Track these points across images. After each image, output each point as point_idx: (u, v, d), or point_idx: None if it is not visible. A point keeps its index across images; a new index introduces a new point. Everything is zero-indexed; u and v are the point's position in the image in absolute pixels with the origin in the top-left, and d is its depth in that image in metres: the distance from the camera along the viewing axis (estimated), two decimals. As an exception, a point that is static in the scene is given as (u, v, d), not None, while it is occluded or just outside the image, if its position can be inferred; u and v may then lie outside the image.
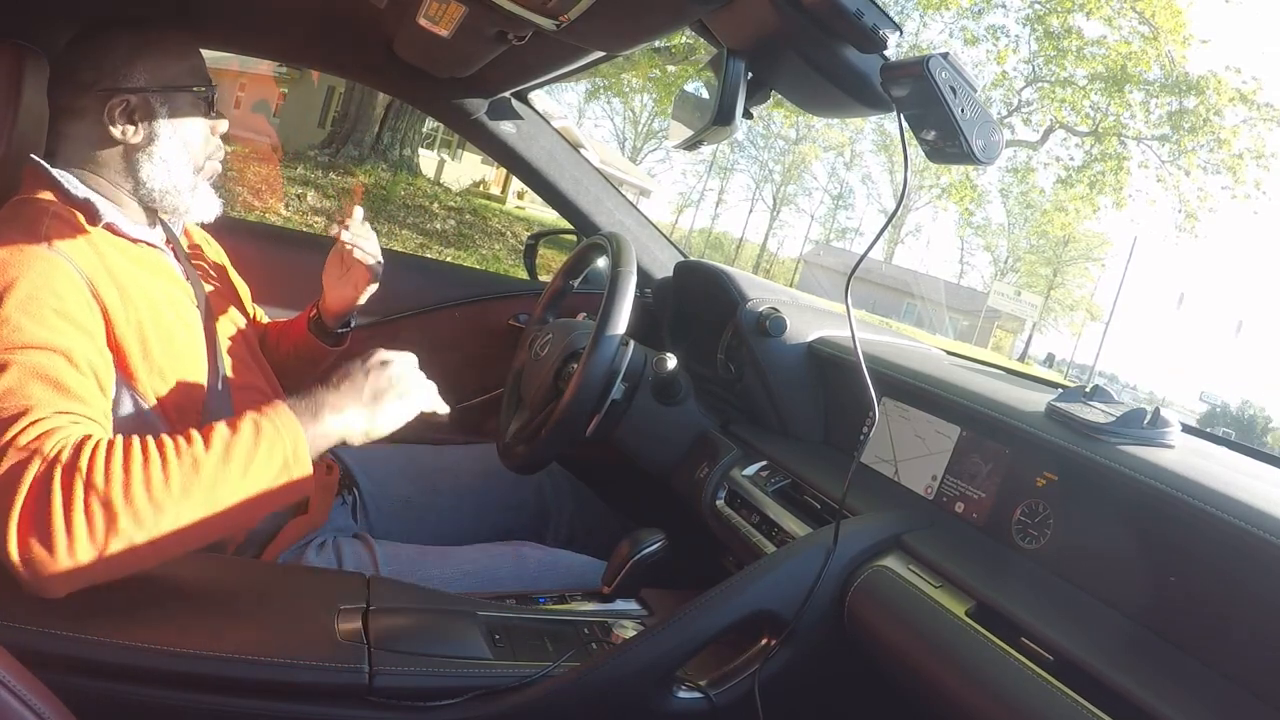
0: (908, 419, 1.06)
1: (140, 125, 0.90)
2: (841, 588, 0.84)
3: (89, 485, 0.66)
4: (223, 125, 0.97)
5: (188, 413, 0.88)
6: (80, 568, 0.66)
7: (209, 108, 0.95)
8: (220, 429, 0.74)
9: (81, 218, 0.85)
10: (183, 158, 0.93)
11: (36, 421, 0.68)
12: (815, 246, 40.89)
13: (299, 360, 1.23)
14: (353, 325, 1.25)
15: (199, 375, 0.91)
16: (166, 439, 0.72)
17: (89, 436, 0.70)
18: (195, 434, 0.73)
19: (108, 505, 0.67)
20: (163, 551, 0.70)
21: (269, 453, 0.74)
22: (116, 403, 0.82)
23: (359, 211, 1.13)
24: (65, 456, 0.67)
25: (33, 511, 0.65)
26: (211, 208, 0.99)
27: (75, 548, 0.66)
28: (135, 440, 0.71)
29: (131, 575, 0.71)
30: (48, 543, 0.65)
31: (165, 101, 0.90)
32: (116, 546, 0.67)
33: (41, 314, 0.74)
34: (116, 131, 0.89)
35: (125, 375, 0.83)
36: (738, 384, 1.32)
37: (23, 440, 0.67)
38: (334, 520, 1.10)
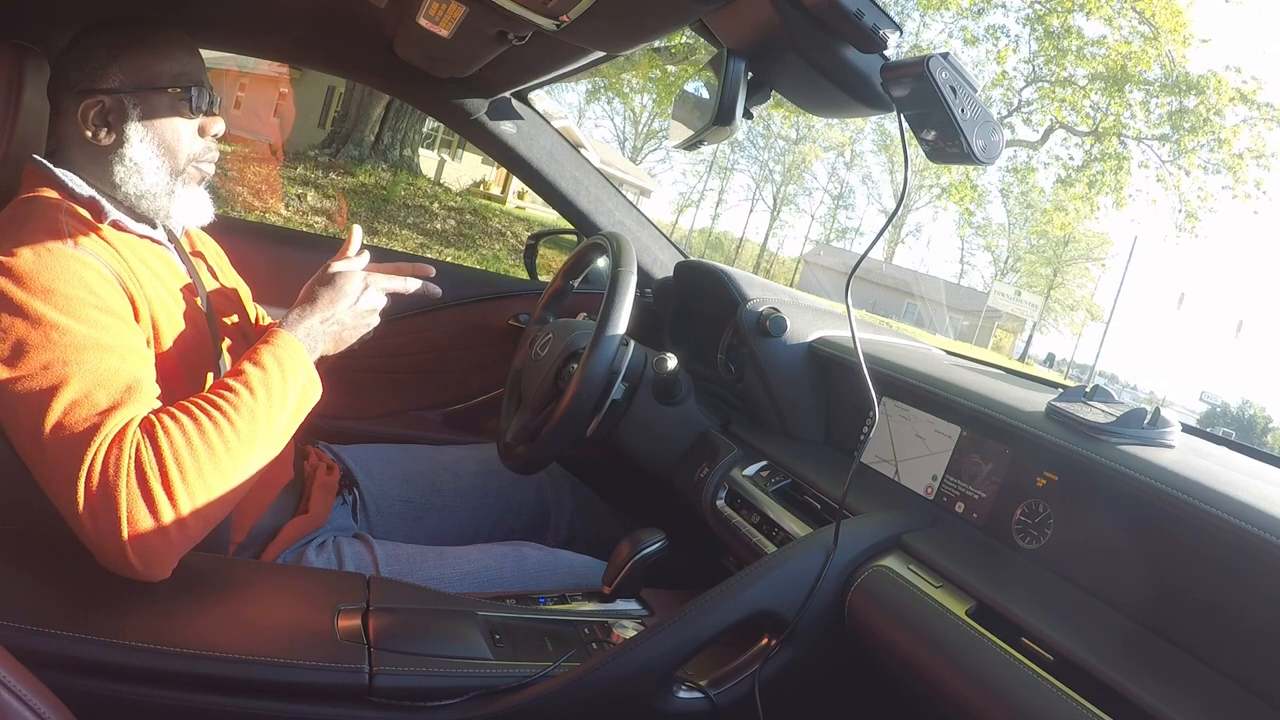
0: (908, 419, 1.06)
1: (112, 128, 0.87)
2: (842, 588, 0.84)
3: (179, 466, 0.73)
4: (216, 126, 0.94)
5: None
6: (186, 539, 0.75)
7: (193, 109, 0.90)
8: (250, 371, 0.81)
9: (89, 215, 0.85)
10: (156, 162, 0.89)
11: (110, 428, 0.72)
12: (815, 246, 40.92)
13: None
14: None
15: (203, 372, 0.91)
16: (215, 396, 0.78)
17: (157, 422, 0.74)
18: (233, 382, 0.80)
19: (199, 474, 0.74)
20: (240, 493, 0.78)
21: (292, 379, 0.83)
22: None
23: (359, 232, 1.00)
24: (146, 453, 0.72)
25: (133, 513, 0.71)
26: (198, 213, 0.95)
27: (182, 525, 0.73)
28: (193, 407, 0.77)
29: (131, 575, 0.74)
30: (156, 533, 0.72)
31: (138, 103, 0.87)
32: (211, 507, 0.75)
33: (84, 313, 0.76)
34: (89, 133, 0.87)
35: None
36: (738, 384, 1.32)
37: (104, 450, 0.71)
38: (334, 520, 1.10)
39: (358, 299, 0.93)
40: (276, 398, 0.81)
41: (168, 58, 0.89)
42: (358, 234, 1.00)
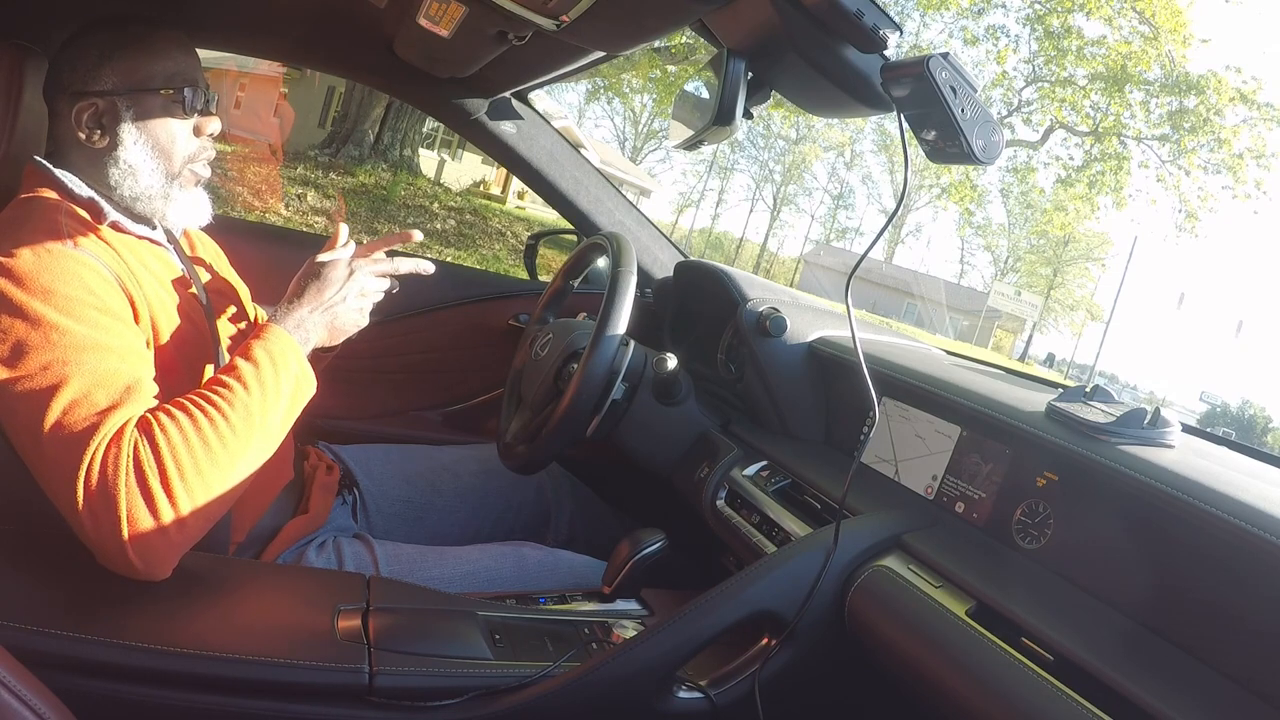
0: (908, 419, 1.06)
1: (106, 130, 0.87)
2: (842, 588, 0.84)
3: (177, 464, 0.73)
4: (211, 125, 0.93)
5: None
6: (185, 538, 0.75)
7: (187, 109, 0.89)
8: (242, 366, 0.81)
9: (89, 216, 0.85)
10: (151, 164, 0.89)
11: (109, 428, 0.72)
12: (815, 246, 40.92)
13: None
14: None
15: (203, 373, 0.91)
16: (212, 394, 0.78)
17: (154, 420, 0.74)
18: (228, 378, 0.80)
19: (197, 472, 0.74)
20: (239, 490, 0.78)
21: (285, 372, 0.83)
22: None
23: (345, 230, 0.99)
24: (144, 452, 0.72)
25: (133, 512, 0.71)
26: (196, 214, 0.94)
27: (182, 524, 0.73)
28: (189, 405, 0.77)
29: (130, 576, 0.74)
30: (156, 532, 0.72)
31: (131, 105, 0.87)
32: (211, 505, 0.75)
33: (84, 313, 0.76)
34: (83, 135, 0.87)
35: None
36: (738, 384, 1.32)
37: (103, 450, 0.71)
38: (334, 520, 1.10)
39: (343, 285, 0.92)
40: (270, 391, 0.81)
41: (161, 58, 0.89)
42: (344, 230, 0.99)
